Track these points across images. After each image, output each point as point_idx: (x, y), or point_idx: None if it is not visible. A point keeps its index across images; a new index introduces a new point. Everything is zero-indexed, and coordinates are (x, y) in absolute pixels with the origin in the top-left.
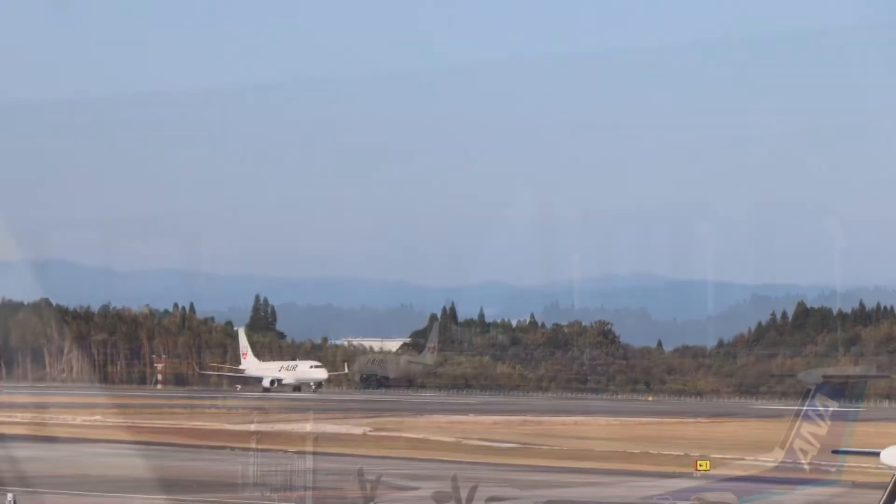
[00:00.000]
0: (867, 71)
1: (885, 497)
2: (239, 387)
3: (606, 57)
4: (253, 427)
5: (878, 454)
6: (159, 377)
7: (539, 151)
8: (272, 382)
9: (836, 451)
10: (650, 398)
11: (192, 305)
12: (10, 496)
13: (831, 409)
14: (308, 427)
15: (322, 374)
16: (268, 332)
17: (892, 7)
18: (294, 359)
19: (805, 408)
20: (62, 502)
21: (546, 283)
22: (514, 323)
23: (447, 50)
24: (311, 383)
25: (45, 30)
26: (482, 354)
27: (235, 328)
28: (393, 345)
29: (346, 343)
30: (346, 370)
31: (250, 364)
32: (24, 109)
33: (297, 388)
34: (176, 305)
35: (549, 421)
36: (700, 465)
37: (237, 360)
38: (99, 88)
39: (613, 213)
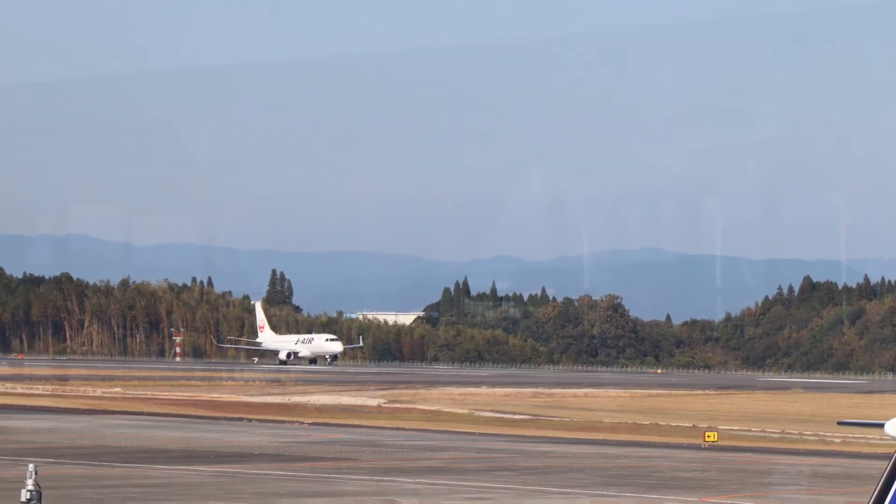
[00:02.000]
0: (873, 50)
1: (888, 468)
2: (256, 359)
3: (616, 35)
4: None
5: (882, 426)
6: (178, 350)
7: (550, 129)
8: (289, 355)
9: (841, 423)
10: (659, 371)
11: (209, 280)
12: (31, 467)
13: None
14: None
15: (338, 346)
16: (284, 306)
17: None
18: (310, 332)
19: None
20: (82, 472)
21: (557, 258)
22: (525, 296)
23: (460, 31)
24: (327, 356)
25: (65, 10)
26: (494, 328)
27: (253, 302)
28: (407, 318)
29: (361, 317)
30: (361, 343)
31: (267, 337)
32: (45, 87)
33: (313, 360)
34: (194, 280)
35: (560, 393)
36: (708, 437)
37: (254, 333)
38: (119, 66)
39: (623, 188)
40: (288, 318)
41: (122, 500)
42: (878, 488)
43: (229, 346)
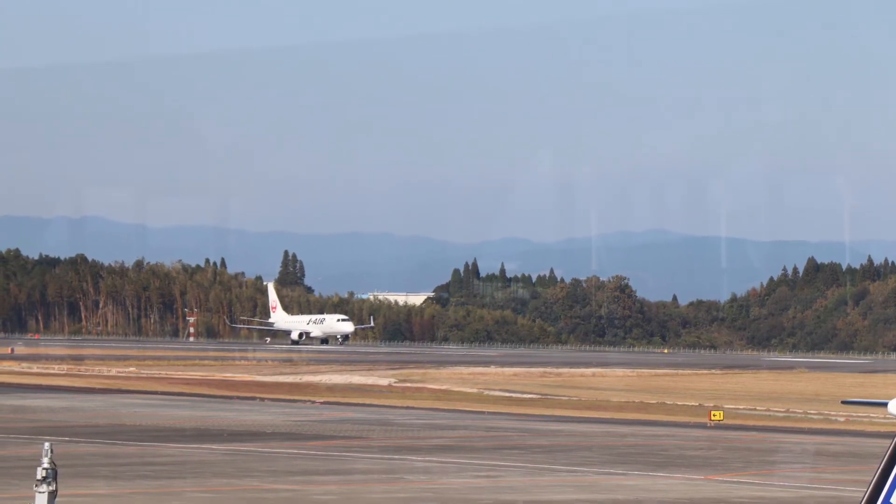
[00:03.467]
0: (876, 35)
1: (892, 447)
2: (268, 339)
3: (622, 21)
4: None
5: (885, 405)
6: (191, 330)
7: (558, 113)
8: (300, 335)
9: (845, 402)
10: (666, 350)
11: (223, 261)
12: (46, 445)
13: None
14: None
15: (349, 327)
16: (296, 287)
17: None
18: (322, 313)
19: None
20: (98, 451)
21: (565, 240)
22: (534, 277)
23: (469, 16)
24: (339, 336)
25: None
26: (503, 308)
27: (265, 283)
28: (417, 299)
29: (371, 297)
30: (372, 323)
31: (279, 318)
32: (61, 71)
33: (324, 340)
34: (208, 261)
35: (568, 372)
36: (714, 416)
37: (267, 313)
38: (133, 51)
39: (629, 171)
40: (300, 299)
41: (137, 477)
42: (880, 467)
43: (242, 326)
